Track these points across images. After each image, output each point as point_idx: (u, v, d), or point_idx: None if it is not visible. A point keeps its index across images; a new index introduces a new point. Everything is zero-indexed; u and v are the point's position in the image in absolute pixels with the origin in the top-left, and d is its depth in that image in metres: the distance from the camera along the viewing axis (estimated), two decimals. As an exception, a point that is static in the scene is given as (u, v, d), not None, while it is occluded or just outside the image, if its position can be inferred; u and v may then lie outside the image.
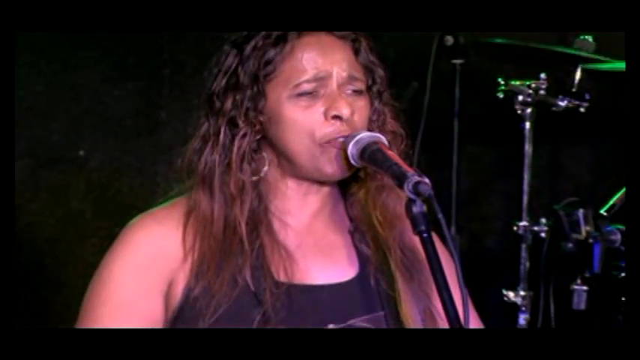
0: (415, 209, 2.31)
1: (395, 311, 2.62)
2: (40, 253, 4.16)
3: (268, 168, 2.58)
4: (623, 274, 4.21)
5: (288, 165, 2.59)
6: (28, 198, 4.18)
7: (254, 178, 2.57)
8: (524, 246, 4.40)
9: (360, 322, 2.59)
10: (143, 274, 2.57)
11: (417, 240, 2.46)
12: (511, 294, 4.38)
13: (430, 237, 2.31)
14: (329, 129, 2.50)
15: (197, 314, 2.53)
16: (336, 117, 2.50)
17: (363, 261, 2.65)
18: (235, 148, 2.55)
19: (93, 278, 2.62)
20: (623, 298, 4.20)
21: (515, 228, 4.39)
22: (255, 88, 2.54)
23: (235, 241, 2.56)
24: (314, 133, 2.52)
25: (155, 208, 2.66)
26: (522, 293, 4.39)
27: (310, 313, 2.58)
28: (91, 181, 4.15)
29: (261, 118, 2.55)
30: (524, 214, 4.40)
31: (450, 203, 4.50)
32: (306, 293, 2.58)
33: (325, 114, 2.49)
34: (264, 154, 2.58)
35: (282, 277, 2.55)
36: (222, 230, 2.56)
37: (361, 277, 2.63)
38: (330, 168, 2.53)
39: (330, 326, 2.56)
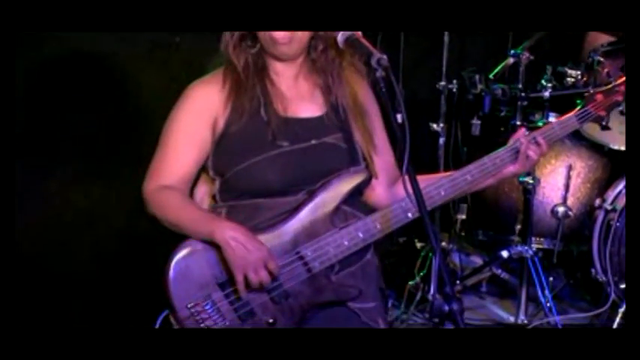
0: (378, 74, 2.49)
1: (348, 134, 2.77)
2: (147, 104, 4.29)
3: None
4: (502, 114, 4.68)
5: None
6: (143, 69, 4.33)
7: (253, 51, 2.74)
8: (442, 96, 4.76)
9: (329, 139, 2.75)
10: (197, 115, 2.73)
11: (367, 102, 2.73)
12: (434, 125, 4.79)
13: (385, 91, 2.49)
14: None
15: (229, 123, 2.70)
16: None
17: (329, 104, 2.78)
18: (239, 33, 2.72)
19: (167, 119, 2.78)
20: (502, 129, 4.69)
21: (437, 86, 4.76)
22: None
23: (251, 77, 2.72)
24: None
25: (204, 76, 2.82)
26: (441, 125, 4.79)
27: (300, 134, 2.73)
28: (182, 58, 4.34)
29: None
30: (443, 77, 4.75)
31: (398, 72, 4.83)
32: (296, 123, 2.75)
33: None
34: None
35: (280, 112, 2.73)
36: (243, 68, 2.72)
37: (328, 113, 2.77)
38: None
39: (313, 142, 2.72)
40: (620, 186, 4.40)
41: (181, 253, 2.65)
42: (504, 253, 4.55)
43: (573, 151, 4.59)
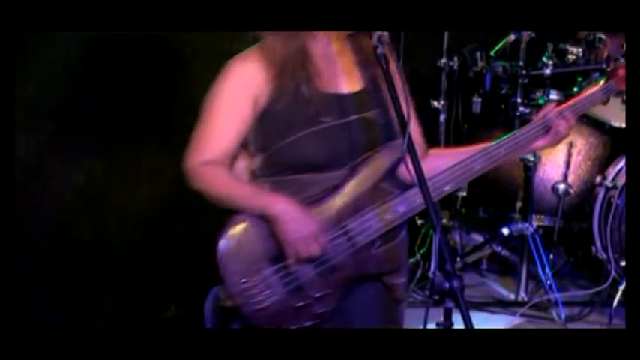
0: (379, 51, 2.54)
1: (386, 109, 2.77)
2: (149, 83, 4.13)
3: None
4: (503, 91, 4.67)
5: None
6: (148, 46, 4.09)
7: None
8: (444, 73, 4.76)
9: (368, 114, 2.76)
10: (237, 92, 2.74)
11: (397, 76, 2.65)
12: (435, 102, 4.79)
13: (389, 69, 2.55)
14: None
15: (271, 100, 2.71)
16: None
17: (367, 80, 2.80)
18: None
19: (208, 96, 2.76)
20: (502, 106, 4.69)
21: (438, 63, 4.75)
22: None
23: (290, 54, 2.71)
24: None
25: (242, 53, 2.77)
26: (442, 102, 4.79)
27: (340, 110, 2.74)
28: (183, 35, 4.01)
29: None
30: (444, 55, 4.76)
31: (399, 48, 4.60)
32: (336, 98, 2.76)
33: None
34: None
35: (321, 88, 2.73)
36: (282, 45, 2.70)
37: (366, 89, 2.79)
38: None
39: (352, 117, 2.73)
40: (621, 163, 4.41)
41: (233, 229, 2.69)
42: (505, 231, 4.60)
43: (574, 128, 4.49)
